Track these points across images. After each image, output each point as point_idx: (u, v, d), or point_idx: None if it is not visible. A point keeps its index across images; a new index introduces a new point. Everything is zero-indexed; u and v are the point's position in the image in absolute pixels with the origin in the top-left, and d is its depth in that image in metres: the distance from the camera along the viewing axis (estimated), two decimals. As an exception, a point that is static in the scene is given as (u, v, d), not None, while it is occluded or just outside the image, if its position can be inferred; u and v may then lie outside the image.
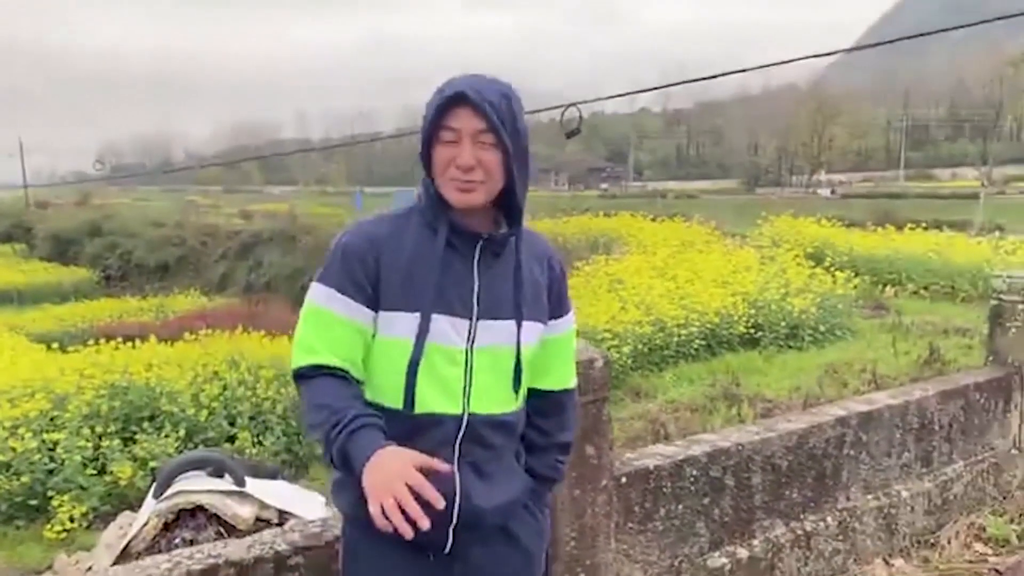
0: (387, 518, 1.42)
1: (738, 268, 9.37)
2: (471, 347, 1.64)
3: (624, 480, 2.43)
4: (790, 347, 7.96)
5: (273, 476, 4.83)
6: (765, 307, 8.30)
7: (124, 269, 24.79)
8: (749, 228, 14.30)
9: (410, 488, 1.43)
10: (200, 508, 4.21)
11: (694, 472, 2.66)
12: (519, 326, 1.67)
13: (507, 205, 1.67)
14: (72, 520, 5.01)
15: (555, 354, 1.81)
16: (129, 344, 7.18)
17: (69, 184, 50.65)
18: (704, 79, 12.68)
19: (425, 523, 1.41)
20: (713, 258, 10.12)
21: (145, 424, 5.85)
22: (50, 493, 5.13)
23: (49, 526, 4.97)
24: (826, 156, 73.23)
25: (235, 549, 1.82)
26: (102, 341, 7.45)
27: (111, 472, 5.33)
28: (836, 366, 7.13)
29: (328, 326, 1.64)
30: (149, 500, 4.38)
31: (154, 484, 4.43)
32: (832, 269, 9.33)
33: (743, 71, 8.87)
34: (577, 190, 68.81)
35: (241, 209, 34.21)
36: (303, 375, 1.63)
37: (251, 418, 6.16)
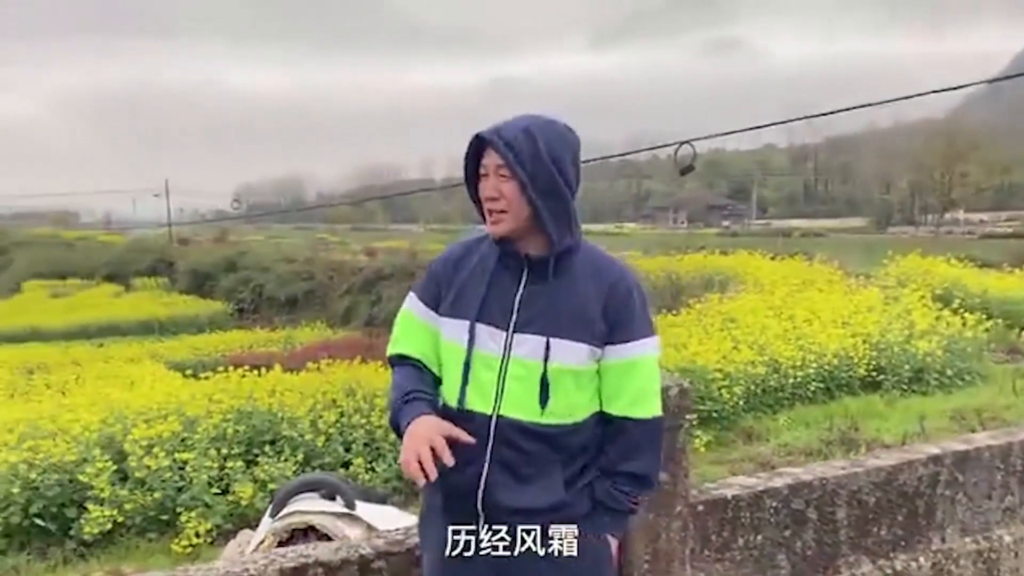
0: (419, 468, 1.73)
1: (860, 308, 9.06)
2: (506, 356, 1.86)
3: (701, 508, 2.43)
4: (914, 391, 7.63)
5: (383, 501, 5.00)
6: (887, 349, 7.99)
7: (256, 302, 26.03)
8: (875, 268, 13.78)
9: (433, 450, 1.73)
10: (312, 528, 4.41)
11: (774, 504, 2.63)
12: (547, 343, 1.83)
13: (544, 235, 1.84)
14: (198, 535, 5.30)
15: (619, 380, 1.89)
16: (255, 372, 7.57)
17: (209, 222, 53.74)
18: (830, 113, 12.39)
19: (433, 474, 1.72)
20: (834, 298, 9.81)
21: (266, 447, 6.14)
22: (179, 509, 5.45)
23: (177, 540, 5.27)
24: (961, 193, 69.44)
25: (324, 551, 1.96)
26: (231, 369, 7.88)
27: (234, 492, 5.61)
28: (963, 412, 6.79)
29: (410, 325, 2.01)
30: (266, 519, 4.61)
31: (271, 504, 4.69)
32: (962, 311, 8.88)
33: (873, 104, 8.64)
34: (696, 228, 67.80)
35: (366, 246, 35.40)
36: (392, 362, 2.01)
37: (365, 445, 6.36)
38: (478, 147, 1.87)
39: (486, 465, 1.86)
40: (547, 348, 1.84)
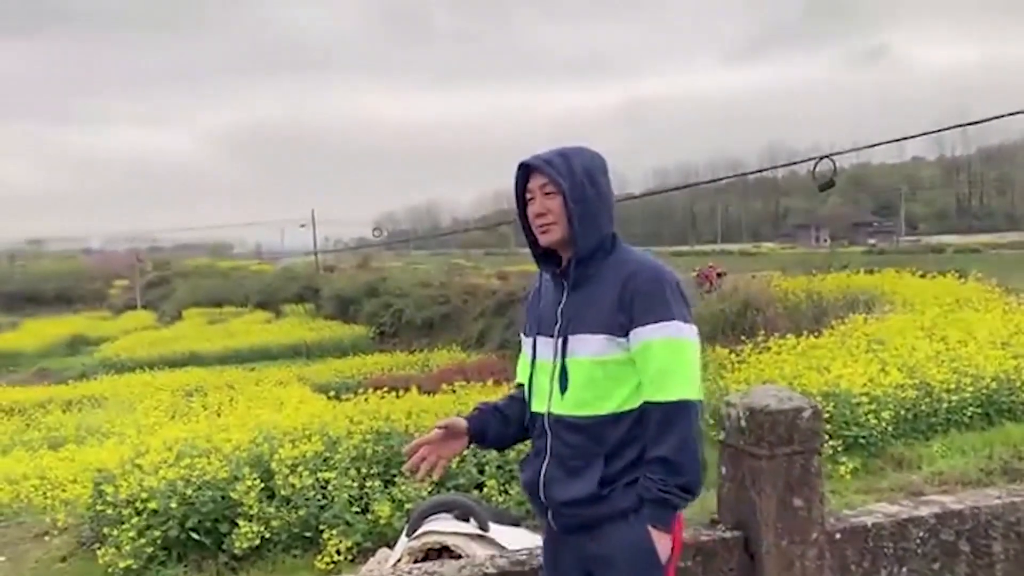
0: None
1: (1021, 329, 8.44)
2: (556, 360, 2.05)
3: (839, 536, 2.31)
4: (1087, 418, 7.02)
5: (515, 524, 5.02)
6: (1054, 372, 7.40)
7: (396, 326, 26.79)
8: (1039, 284, 12.82)
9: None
10: (446, 548, 4.48)
11: (921, 534, 2.46)
12: (564, 340, 2.03)
13: (574, 240, 2.03)
14: (339, 553, 5.48)
15: (641, 364, 1.97)
16: (393, 394, 7.79)
17: (352, 249, 55.94)
18: (983, 121, 11.60)
19: (408, 468, 2.06)
20: (991, 318, 9.19)
21: (403, 468, 6.28)
22: (321, 527, 5.65)
23: (319, 557, 5.47)
24: None
25: (449, 569, 2.00)
26: (370, 391, 8.15)
27: (373, 511, 5.77)
28: None
29: (521, 354, 2.24)
30: (403, 538, 4.73)
31: (407, 523, 4.80)
32: None
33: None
34: (840, 246, 65.09)
35: (499, 270, 35.90)
36: None
37: (498, 467, 6.41)
38: (524, 175, 2.11)
39: (545, 462, 2.05)
40: (564, 344, 2.03)
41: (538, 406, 2.10)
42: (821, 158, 9.86)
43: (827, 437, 6.51)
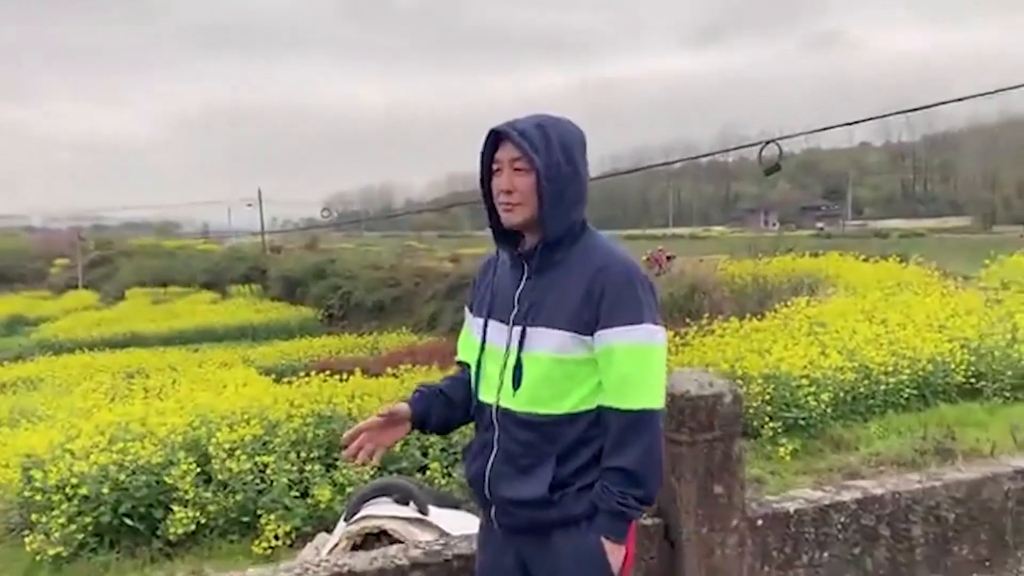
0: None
1: (958, 312, 8.62)
2: (508, 349, 1.90)
3: (760, 522, 2.30)
4: (1017, 399, 7.19)
5: (456, 506, 4.97)
6: (988, 354, 7.58)
7: (345, 308, 26.58)
8: (976, 269, 13.13)
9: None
10: (385, 532, 4.43)
11: (842, 519, 2.47)
12: (522, 332, 1.88)
13: (541, 222, 1.86)
14: (277, 538, 5.39)
15: (604, 368, 1.83)
16: (337, 377, 7.69)
17: (300, 230, 55.19)
18: (930, 107, 11.81)
19: (347, 456, 1.93)
20: (929, 301, 9.38)
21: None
22: (259, 512, 5.55)
23: (257, 542, 5.37)
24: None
25: (360, 561, 1.95)
26: (314, 374, 8.02)
27: (313, 495, 5.69)
28: (1071, 422, 6.37)
29: (464, 331, 2.10)
30: (341, 523, 4.66)
31: (346, 507, 4.73)
32: (1071, 313, 8.35)
33: (976, 96, 8.26)
34: (789, 230, 66.11)
35: (452, 253, 35.78)
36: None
37: (442, 450, 6.36)
38: (493, 143, 1.91)
39: (492, 455, 1.93)
40: (522, 336, 1.88)
41: (486, 396, 1.97)
42: (767, 143, 9.94)
43: (767, 419, 6.59)
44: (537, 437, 1.87)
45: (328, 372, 8.21)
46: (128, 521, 5.45)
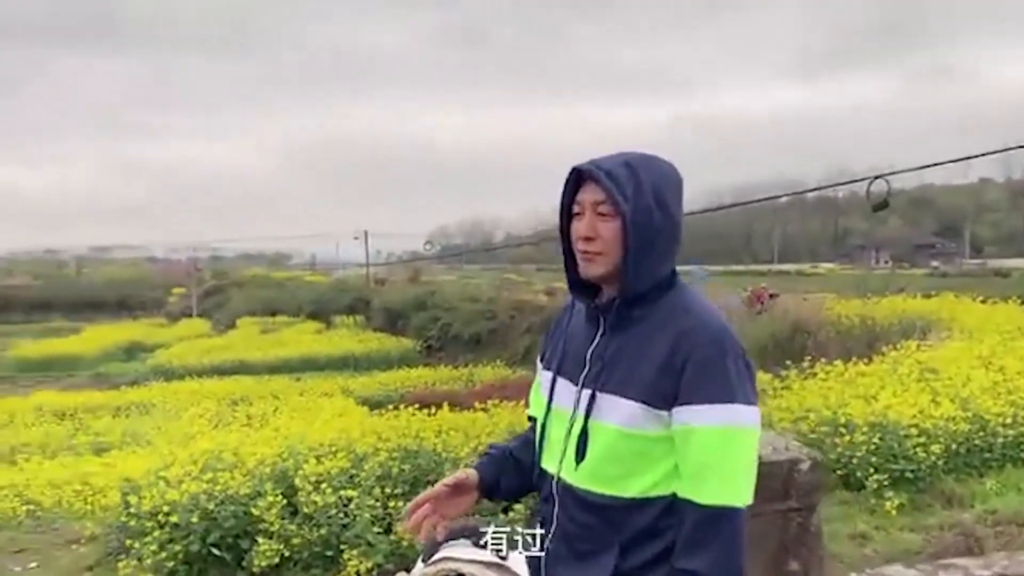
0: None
1: (1086, 360, 8.00)
2: (574, 413, 1.69)
3: None
4: None
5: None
6: (1121, 408, 6.98)
7: (443, 340, 26.79)
8: (1110, 313, 12.20)
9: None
10: (463, 575, 4.35)
11: None
12: (592, 395, 1.65)
13: (624, 274, 1.64)
14: (359, 574, 5.36)
15: (681, 452, 1.59)
16: (426, 411, 7.68)
17: (404, 262, 56.30)
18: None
19: (409, 528, 1.79)
20: (1055, 347, 8.74)
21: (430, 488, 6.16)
22: (342, 546, 5.54)
23: (339, 577, 5.36)
24: None
25: None
26: (402, 407, 8.05)
27: (396, 532, 5.65)
28: None
29: (535, 383, 1.91)
30: (419, 563, 4.60)
31: (425, 547, 4.67)
32: None
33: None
34: (902, 268, 63.43)
35: (548, 286, 35.74)
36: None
37: (528, 491, 6.25)
38: (575, 182, 1.71)
39: (552, 531, 1.72)
40: (591, 401, 1.66)
41: (548, 463, 1.76)
42: (875, 178, 9.57)
43: (872, 470, 6.22)
44: (599, 521, 1.64)
45: (418, 405, 8.22)
46: (216, 551, 5.53)
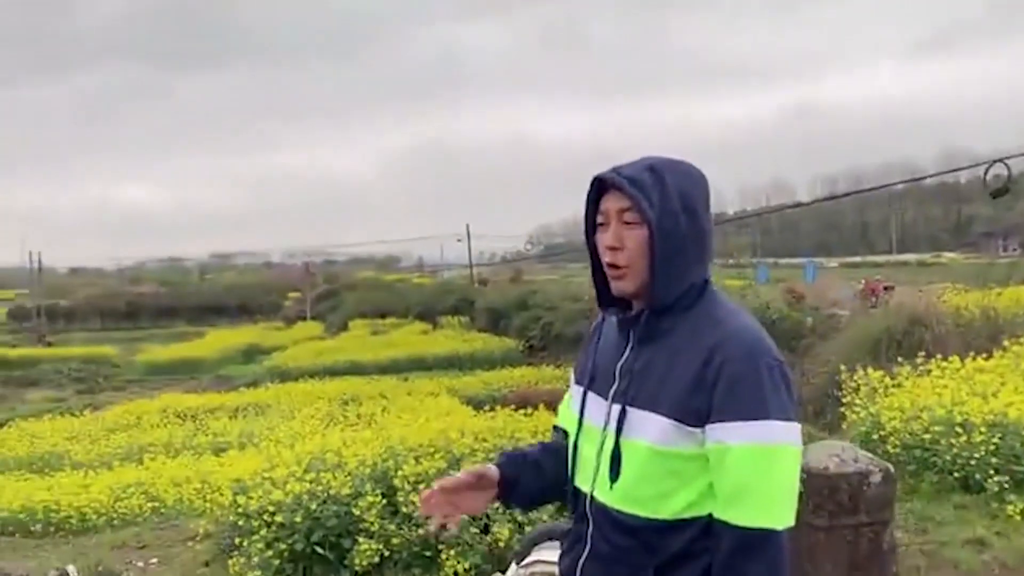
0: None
1: None
2: (609, 433, 1.63)
3: None
4: None
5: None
6: None
7: (545, 339, 26.84)
8: None
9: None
10: (554, 578, 4.35)
11: None
12: (623, 410, 1.60)
13: (651, 285, 1.59)
14: (456, 574, 5.42)
15: (721, 472, 1.51)
16: (522, 411, 7.70)
17: (506, 263, 56.76)
18: None
19: (425, 511, 1.71)
20: None
21: (526, 490, 6.18)
22: (440, 546, 5.61)
23: (437, 577, 5.44)
24: None
25: None
26: (504, 407, 8.11)
27: (492, 532, 5.69)
28: None
29: (566, 396, 1.89)
30: (513, 565, 4.62)
31: (517, 549, 4.68)
32: None
33: None
34: (1032, 255, 59.64)
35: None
36: None
37: (624, 492, 6.18)
38: (597, 191, 1.66)
39: (584, 554, 1.66)
40: (621, 418, 1.60)
41: (582, 482, 1.71)
42: (994, 162, 9.05)
43: (992, 472, 5.88)
44: (633, 543, 1.58)
45: (515, 406, 8.26)
46: (319, 550, 5.69)
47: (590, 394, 1.72)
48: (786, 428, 1.50)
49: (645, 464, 1.56)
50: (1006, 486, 5.78)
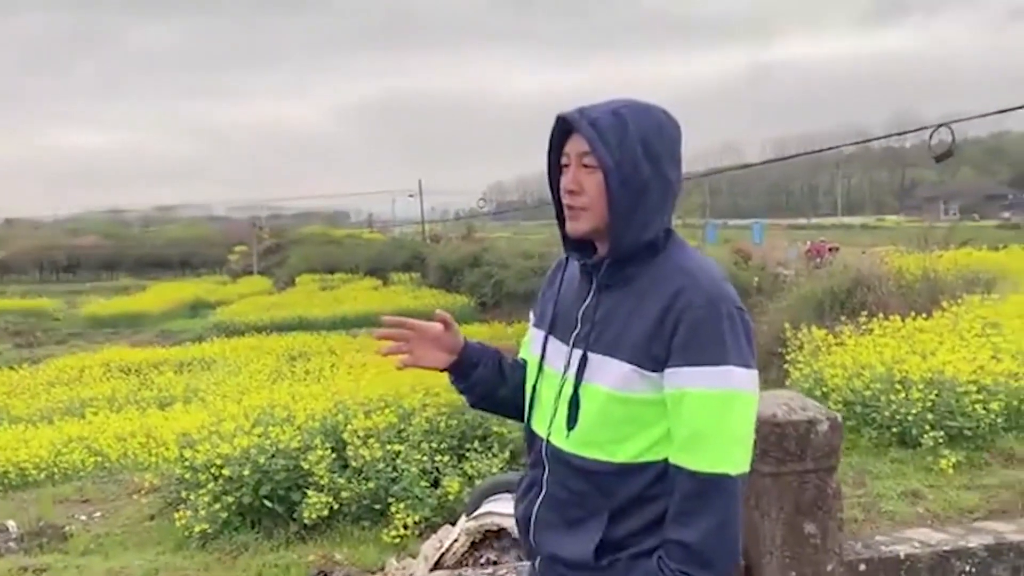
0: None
1: None
2: (565, 374, 1.64)
3: (863, 568, 1.99)
4: None
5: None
6: None
7: (497, 297, 26.95)
8: None
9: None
10: (504, 530, 4.38)
11: (967, 568, 2.09)
12: (584, 356, 1.59)
13: (611, 231, 1.57)
14: (406, 527, 5.44)
15: (678, 417, 1.51)
16: (474, 367, 7.71)
17: (458, 220, 56.47)
18: None
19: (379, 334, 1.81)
20: None
21: (476, 443, 6.21)
22: (390, 500, 5.63)
23: (387, 531, 5.45)
24: None
25: None
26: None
27: (442, 486, 5.72)
28: None
29: (526, 336, 1.87)
30: (463, 518, 4.64)
31: (469, 502, 4.71)
32: None
33: None
34: (971, 220, 61.26)
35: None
36: None
37: (574, 446, 6.24)
38: (561, 133, 1.62)
39: (540, 497, 1.66)
40: (582, 363, 1.59)
41: (538, 426, 1.70)
42: (938, 126, 9.20)
43: (928, 427, 6.07)
44: (589, 487, 1.58)
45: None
46: (267, 503, 5.66)
47: (551, 338, 1.70)
48: (745, 375, 1.49)
49: (603, 409, 1.55)
50: (941, 441, 5.96)
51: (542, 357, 1.71)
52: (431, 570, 4.42)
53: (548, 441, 1.65)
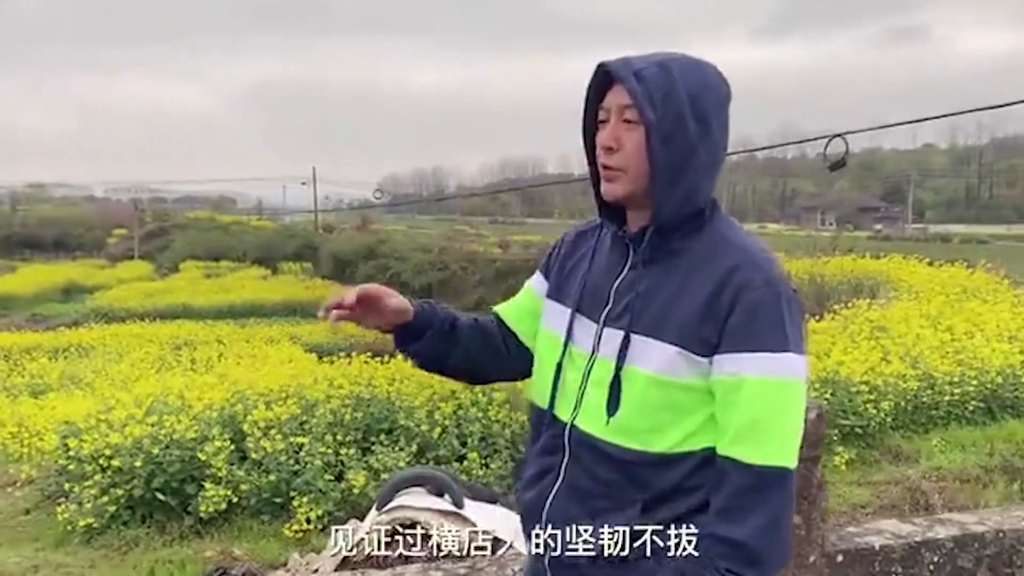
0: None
1: (1030, 322, 8.18)
2: (593, 355, 1.49)
3: (840, 559, 2.02)
4: (1093, 419, 6.78)
5: (493, 501, 4.80)
6: (1063, 369, 7.15)
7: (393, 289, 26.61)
8: (1047, 278, 12.54)
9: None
10: (417, 524, 4.27)
11: (936, 559, 2.16)
12: (626, 338, 1.43)
13: (652, 196, 1.42)
14: (309, 521, 5.26)
15: (725, 405, 1.38)
16: (378, 359, 7.54)
17: (353, 210, 55.55)
18: (1001, 106, 11.19)
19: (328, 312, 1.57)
20: (999, 309, 8.91)
21: (382, 436, 6.07)
22: (292, 493, 5.42)
23: (289, 525, 5.25)
24: None
25: None
26: (354, 354, 7.90)
27: (347, 479, 5.55)
28: None
29: (523, 291, 1.76)
30: (373, 511, 4.50)
31: (380, 496, 4.57)
32: None
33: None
34: (846, 230, 64.52)
35: (501, 239, 35.60)
36: None
37: (481, 439, 6.18)
38: (601, 82, 1.46)
39: (556, 486, 1.51)
40: (624, 344, 1.43)
41: (561, 411, 1.53)
42: (833, 137, 9.57)
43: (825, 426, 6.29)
44: (621, 477, 1.44)
45: (371, 353, 8.07)
46: (160, 496, 5.37)
47: (578, 316, 1.54)
48: (803, 363, 1.38)
49: (642, 394, 1.41)
50: (835, 438, 6.20)
51: (569, 335, 1.54)
52: (338, 565, 4.27)
53: (574, 427, 1.50)
